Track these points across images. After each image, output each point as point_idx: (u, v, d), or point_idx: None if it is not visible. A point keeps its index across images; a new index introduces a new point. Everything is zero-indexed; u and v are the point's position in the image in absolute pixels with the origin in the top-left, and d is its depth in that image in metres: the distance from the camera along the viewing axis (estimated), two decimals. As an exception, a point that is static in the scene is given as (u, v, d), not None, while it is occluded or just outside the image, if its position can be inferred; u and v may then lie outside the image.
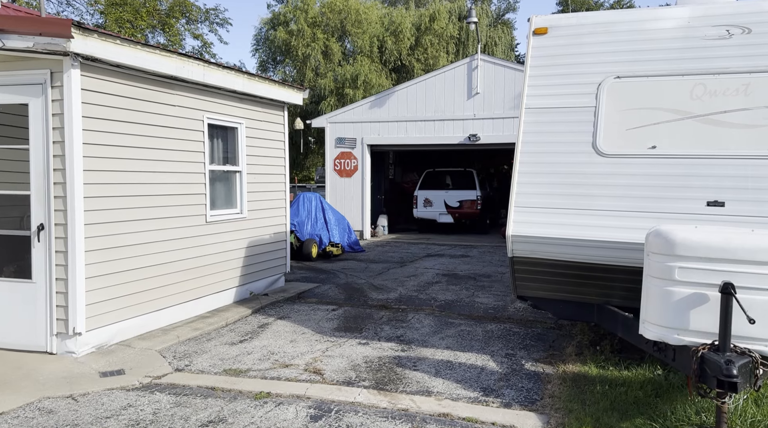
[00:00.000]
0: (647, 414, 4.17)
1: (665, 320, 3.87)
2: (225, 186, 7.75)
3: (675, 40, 5.01)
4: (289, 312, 7.50)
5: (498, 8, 33.89)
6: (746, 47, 4.73)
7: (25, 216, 5.53)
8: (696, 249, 3.75)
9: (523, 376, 5.13)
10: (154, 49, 6.04)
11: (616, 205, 4.76)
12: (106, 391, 4.70)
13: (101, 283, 5.64)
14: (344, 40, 28.03)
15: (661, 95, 4.92)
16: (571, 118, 5.11)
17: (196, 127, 7.01)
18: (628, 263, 4.57)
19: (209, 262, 7.26)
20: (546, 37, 5.39)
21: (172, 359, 5.55)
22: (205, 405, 4.45)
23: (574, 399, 4.50)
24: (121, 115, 5.89)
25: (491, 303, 8.02)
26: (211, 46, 27.49)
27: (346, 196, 16.79)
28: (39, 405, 4.40)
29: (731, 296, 3.54)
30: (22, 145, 5.48)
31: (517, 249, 5.10)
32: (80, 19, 23.67)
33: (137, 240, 6.09)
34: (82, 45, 5.16)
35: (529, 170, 5.16)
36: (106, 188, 5.72)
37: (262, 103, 8.33)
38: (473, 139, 15.53)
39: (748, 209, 4.38)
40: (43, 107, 5.37)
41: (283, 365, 5.40)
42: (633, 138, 4.90)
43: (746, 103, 4.62)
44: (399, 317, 7.25)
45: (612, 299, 5.01)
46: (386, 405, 4.46)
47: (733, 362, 3.44)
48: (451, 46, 27.85)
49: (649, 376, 4.87)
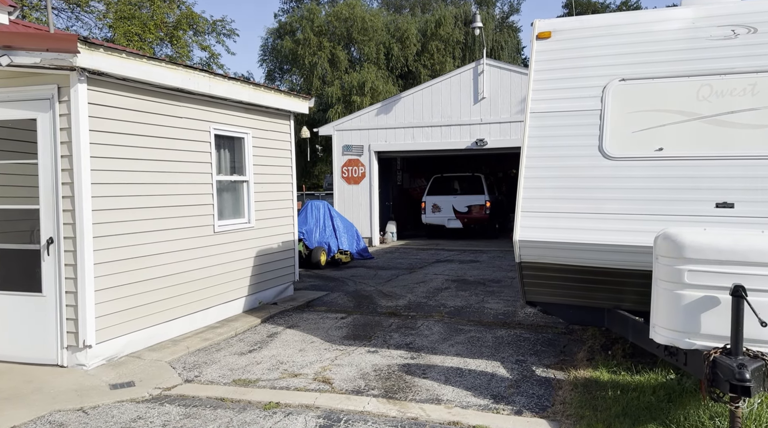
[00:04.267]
0: (660, 419, 4.12)
1: (676, 324, 3.82)
2: (232, 196, 7.78)
3: (680, 41, 4.98)
4: (298, 320, 7.50)
5: (502, 12, 33.90)
6: (752, 47, 4.69)
7: (34, 230, 5.58)
8: (705, 251, 3.71)
9: (533, 382, 5.09)
10: (160, 61, 6.09)
11: (623, 208, 4.72)
12: (117, 403, 4.71)
13: (111, 295, 5.67)
14: (350, 48, 28.15)
15: (667, 97, 4.88)
16: (577, 121, 5.08)
17: (203, 138, 7.05)
18: (637, 267, 4.52)
19: (218, 272, 7.28)
20: (549, 41, 5.37)
21: (182, 370, 5.56)
22: (215, 416, 4.45)
23: (586, 405, 4.45)
24: (129, 127, 5.94)
25: (501, 309, 7.97)
26: (219, 57, 27.75)
27: (354, 203, 16.80)
28: (50, 419, 4.41)
29: (742, 299, 3.49)
30: (30, 159, 5.54)
31: (524, 255, 5.07)
32: (89, 33, 23.98)
33: (146, 252, 6.12)
34: (89, 59, 5.21)
35: (535, 175, 5.13)
36: (114, 201, 5.76)
37: (268, 112, 8.37)
38: (480, 144, 15.50)
39: (757, 210, 4.32)
40: (51, 122, 5.43)
41: (292, 374, 5.39)
42: (639, 140, 4.86)
43: (753, 103, 4.57)
44: (408, 324, 7.22)
45: (622, 303, 4.96)
46: (395, 414, 4.43)
47: (746, 366, 3.39)
48: (457, 51, 27.89)
49: (662, 381, 4.81)
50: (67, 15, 23.80)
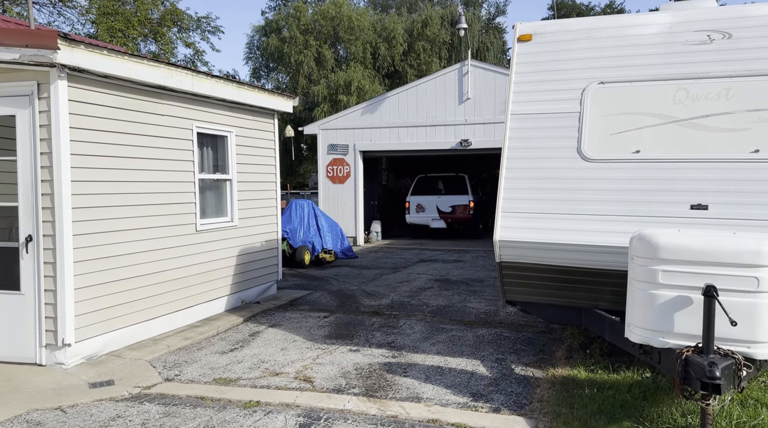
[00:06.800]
0: (634, 416, 4.19)
1: (650, 323, 3.90)
2: (215, 194, 7.76)
3: (657, 45, 5.07)
4: (280, 320, 7.50)
5: (488, 13, 34.10)
6: (727, 52, 4.79)
7: (13, 228, 5.52)
8: (679, 252, 3.79)
9: (512, 381, 5.15)
10: (142, 59, 6.06)
11: (601, 209, 4.80)
12: (95, 402, 4.69)
13: (90, 294, 5.64)
14: (337, 47, 28.12)
15: (645, 100, 4.97)
16: (556, 123, 5.15)
17: (186, 136, 7.03)
18: (614, 267, 4.60)
19: (200, 271, 7.26)
20: (530, 43, 5.44)
21: (162, 369, 5.54)
22: (194, 415, 4.45)
23: (563, 403, 4.52)
24: (110, 125, 5.90)
25: (483, 308, 8.04)
26: (204, 54, 27.60)
27: (339, 202, 16.80)
28: (27, 418, 4.38)
29: (714, 299, 3.57)
30: (9, 156, 5.48)
31: (504, 255, 5.13)
32: (72, 29, 23.69)
33: (127, 250, 6.09)
34: (69, 56, 5.18)
35: (515, 175, 5.19)
36: (95, 199, 5.72)
37: (252, 111, 8.35)
38: (465, 144, 15.59)
39: (730, 212, 4.42)
40: (30, 119, 5.38)
41: (273, 373, 5.40)
42: (617, 142, 4.94)
43: (728, 107, 4.67)
44: (390, 323, 7.26)
45: (599, 303, 5.04)
46: (375, 412, 4.47)
47: (717, 364, 3.47)
48: (443, 51, 27.97)
49: (637, 379, 4.89)
50: (49, 10, 23.55)
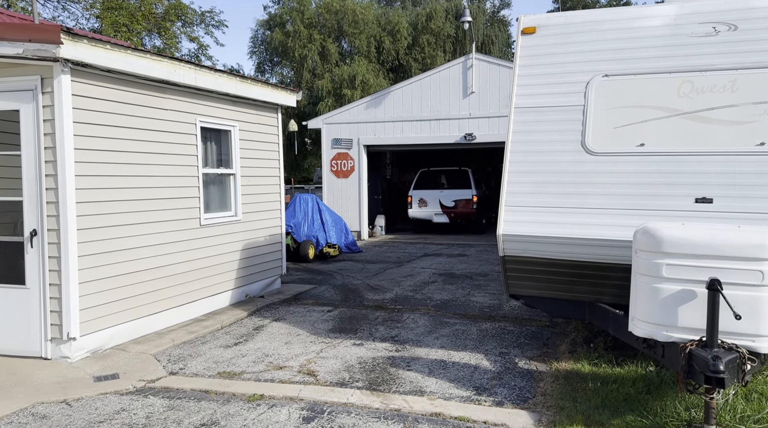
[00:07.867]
0: (638, 410, 4.19)
1: (654, 317, 3.89)
2: (219, 189, 7.77)
3: (662, 37, 5.02)
4: (284, 314, 7.52)
5: (493, 6, 33.91)
6: (732, 44, 4.74)
7: (18, 222, 5.55)
8: (683, 246, 3.77)
9: (516, 374, 5.15)
10: (145, 53, 6.06)
11: (605, 202, 4.78)
12: (100, 396, 4.72)
13: (95, 288, 5.66)
14: (341, 41, 28.05)
15: (649, 93, 4.93)
16: (560, 116, 5.12)
17: (189, 131, 7.03)
18: (618, 261, 4.59)
19: (204, 265, 7.28)
20: (534, 36, 5.41)
21: (167, 362, 5.57)
22: (199, 408, 4.47)
23: (566, 397, 4.51)
24: (113, 119, 5.91)
25: (486, 302, 8.04)
26: (208, 49, 27.57)
27: (343, 196, 16.80)
28: (33, 411, 4.41)
29: (718, 292, 3.56)
30: (14, 151, 5.50)
31: (507, 249, 5.12)
32: (76, 23, 23.72)
33: (131, 245, 6.11)
34: (72, 51, 5.18)
35: (518, 169, 5.17)
36: (99, 193, 5.73)
37: (255, 105, 8.34)
38: (469, 138, 15.55)
39: (735, 205, 4.39)
40: (34, 113, 5.39)
41: (277, 367, 5.42)
42: (621, 136, 4.92)
43: (733, 100, 4.63)
44: (394, 317, 7.27)
45: (603, 297, 5.03)
46: (379, 406, 4.48)
47: (720, 358, 3.46)
48: (448, 44, 27.87)
49: (641, 373, 4.89)
50: (53, 5, 23.58)
